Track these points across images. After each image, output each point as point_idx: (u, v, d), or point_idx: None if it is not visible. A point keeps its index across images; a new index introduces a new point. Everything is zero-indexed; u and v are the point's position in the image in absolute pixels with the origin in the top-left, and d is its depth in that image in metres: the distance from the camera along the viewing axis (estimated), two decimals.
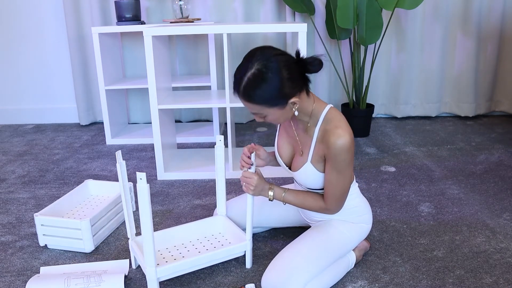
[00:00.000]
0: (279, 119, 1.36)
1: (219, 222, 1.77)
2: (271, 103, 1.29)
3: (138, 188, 1.35)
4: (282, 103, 1.30)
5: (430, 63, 3.45)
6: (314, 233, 1.50)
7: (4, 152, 3.00)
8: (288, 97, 1.29)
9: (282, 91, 1.27)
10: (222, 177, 1.74)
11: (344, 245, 1.51)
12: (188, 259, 1.48)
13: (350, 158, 1.37)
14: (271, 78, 1.24)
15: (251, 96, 1.27)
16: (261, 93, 1.26)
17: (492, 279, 1.51)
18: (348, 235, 1.52)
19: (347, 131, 1.35)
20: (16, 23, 3.49)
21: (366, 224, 1.57)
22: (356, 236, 1.54)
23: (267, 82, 1.24)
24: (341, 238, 1.50)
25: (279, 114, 1.33)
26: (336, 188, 1.42)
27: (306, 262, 1.39)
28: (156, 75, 2.27)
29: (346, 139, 1.34)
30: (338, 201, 1.45)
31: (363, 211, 1.56)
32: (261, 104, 1.29)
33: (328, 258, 1.45)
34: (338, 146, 1.33)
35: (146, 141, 3.13)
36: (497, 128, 3.24)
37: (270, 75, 1.24)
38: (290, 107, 1.33)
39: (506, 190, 2.20)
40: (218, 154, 1.71)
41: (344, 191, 1.43)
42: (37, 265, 1.67)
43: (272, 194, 1.52)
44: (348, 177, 1.41)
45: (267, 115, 1.33)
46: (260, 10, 3.36)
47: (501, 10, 3.32)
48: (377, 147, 2.91)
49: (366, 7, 2.79)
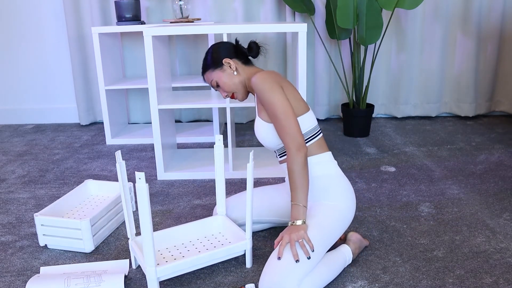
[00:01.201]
0: (227, 82, 1.69)
1: (219, 222, 1.77)
2: (212, 66, 1.70)
3: (137, 188, 1.35)
4: (219, 64, 1.69)
5: (430, 63, 3.45)
6: None
7: (4, 152, 3.00)
8: (221, 58, 1.69)
9: (217, 55, 1.70)
10: (221, 176, 1.74)
11: (329, 234, 1.49)
12: (188, 259, 1.48)
13: (269, 86, 1.55)
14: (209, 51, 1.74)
15: (203, 69, 1.74)
16: (205, 62, 1.73)
17: (492, 279, 1.51)
18: (329, 222, 1.50)
19: (261, 71, 1.62)
20: (16, 23, 3.49)
21: (342, 203, 1.55)
22: (336, 221, 1.52)
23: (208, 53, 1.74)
24: (323, 228, 1.48)
25: (222, 75, 1.69)
26: (277, 119, 1.52)
27: (295, 263, 1.38)
28: (156, 75, 2.27)
29: (259, 74, 1.59)
30: (288, 132, 1.51)
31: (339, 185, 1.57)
32: (207, 69, 1.71)
33: (317, 252, 1.43)
34: (252, 81, 1.59)
35: (146, 141, 3.13)
36: (497, 128, 3.25)
37: (210, 50, 1.74)
38: (227, 68, 1.69)
39: (506, 190, 2.20)
40: (217, 154, 1.71)
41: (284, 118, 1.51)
42: (37, 265, 1.67)
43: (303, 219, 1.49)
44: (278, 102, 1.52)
45: (217, 80, 1.70)
46: (260, 10, 3.36)
47: (501, 10, 3.32)
48: (377, 147, 2.91)
49: (366, 7, 2.79)
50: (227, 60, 1.68)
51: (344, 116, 3.15)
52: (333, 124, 3.47)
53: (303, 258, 1.39)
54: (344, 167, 2.55)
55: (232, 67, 1.68)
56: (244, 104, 2.28)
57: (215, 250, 1.53)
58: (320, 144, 1.62)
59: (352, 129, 3.12)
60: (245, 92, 1.72)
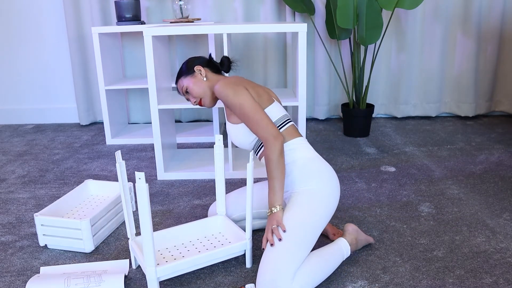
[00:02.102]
0: (195, 88, 1.80)
1: (219, 222, 1.77)
2: (185, 73, 1.83)
3: (137, 188, 1.35)
4: (191, 71, 1.83)
5: (430, 63, 3.45)
6: None
7: (4, 152, 3.00)
8: (193, 66, 1.83)
9: (190, 64, 1.84)
10: (221, 176, 1.74)
11: (312, 219, 1.47)
12: (188, 259, 1.48)
13: (230, 90, 1.63)
14: (185, 62, 1.88)
15: (177, 77, 1.87)
16: (180, 70, 1.86)
17: (492, 279, 1.51)
18: (312, 208, 1.49)
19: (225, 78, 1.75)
20: (16, 23, 3.49)
21: (323, 185, 1.53)
22: (318, 205, 1.50)
23: (183, 64, 1.87)
24: (306, 214, 1.47)
25: (192, 81, 1.81)
26: (245, 117, 1.60)
27: (285, 253, 1.38)
28: (156, 75, 2.27)
29: (220, 81, 1.69)
30: (258, 126, 1.58)
31: (317, 168, 1.57)
32: (180, 76, 1.84)
33: (302, 238, 1.43)
34: (217, 89, 1.67)
35: (146, 141, 3.13)
36: (497, 128, 3.25)
37: (185, 61, 1.88)
38: (198, 74, 1.81)
39: (506, 190, 2.20)
40: (217, 153, 1.71)
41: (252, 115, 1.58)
42: (37, 265, 1.67)
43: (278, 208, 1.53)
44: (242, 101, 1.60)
45: (187, 86, 1.81)
46: (260, 10, 3.36)
47: (501, 10, 3.32)
48: (377, 147, 2.91)
49: (366, 7, 2.79)
50: (198, 67, 1.82)
51: (344, 116, 3.15)
52: (333, 124, 3.47)
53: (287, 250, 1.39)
54: (344, 167, 2.55)
55: (202, 74, 1.81)
56: None
57: (215, 250, 1.53)
58: (291, 131, 1.66)
59: (352, 129, 3.12)
60: (213, 98, 1.83)
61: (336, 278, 1.53)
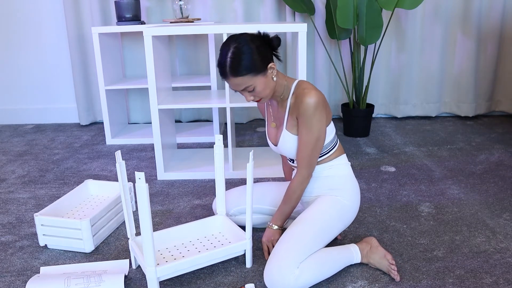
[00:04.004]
0: (265, 89, 1.52)
1: (218, 222, 1.77)
2: (255, 70, 1.47)
3: (137, 188, 1.35)
4: (263, 69, 1.49)
5: (430, 63, 3.45)
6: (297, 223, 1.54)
7: (4, 152, 3.00)
8: (265, 62, 1.50)
9: (259, 56, 1.47)
10: (221, 176, 1.74)
11: (327, 222, 1.54)
12: (188, 259, 1.49)
13: (319, 115, 1.52)
14: (247, 49, 1.46)
15: (238, 70, 1.46)
16: (244, 63, 1.45)
17: (492, 279, 1.51)
18: (330, 212, 1.56)
19: (316, 91, 1.52)
20: (16, 23, 3.49)
21: (346, 200, 1.60)
22: (337, 212, 1.57)
23: (245, 52, 1.46)
24: (323, 215, 1.55)
25: (263, 81, 1.51)
26: (306, 145, 1.54)
27: (296, 242, 1.45)
28: (156, 75, 2.27)
29: (313, 95, 1.50)
30: (308, 161, 1.56)
31: (346, 184, 1.63)
32: (248, 73, 1.46)
33: (317, 235, 1.50)
34: (306, 102, 1.50)
35: (146, 141, 3.13)
36: (497, 128, 3.24)
37: (245, 47, 1.46)
38: (270, 74, 1.52)
39: (506, 190, 2.20)
40: (217, 153, 1.71)
41: (313, 148, 1.55)
42: (37, 265, 1.67)
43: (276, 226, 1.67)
44: (317, 133, 1.53)
45: (254, 85, 1.50)
46: (260, 10, 3.36)
47: (501, 10, 3.32)
48: (377, 147, 2.91)
49: (366, 7, 2.79)
50: (272, 65, 1.53)
51: (344, 116, 3.15)
52: (333, 124, 3.47)
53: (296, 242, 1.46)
54: None
55: (274, 72, 1.55)
56: (244, 104, 2.28)
57: (215, 250, 1.53)
58: (340, 148, 1.69)
59: (352, 129, 3.12)
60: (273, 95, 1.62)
61: (336, 278, 1.53)
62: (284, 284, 1.39)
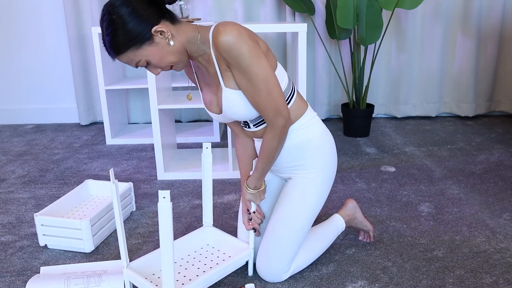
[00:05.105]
0: (162, 58, 1.26)
1: (207, 234, 1.68)
2: (134, 42, 1.21)
3: (159, 208, 1.20)
4: (147, 37, 1.22)
5: (430, 63, 3.45)
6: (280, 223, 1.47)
7: (4, 152, 3.00)
8: (147, 28, 1.21)
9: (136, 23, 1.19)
10: (209, 185, 1.64)
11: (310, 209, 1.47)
12: (202, 277, 1.38)
13: (247, 48, 1.21)
14: (118, 19, 1.19)
15: (115, 48, 1.22)
16: (122, 39, 1.20)
17: (492, 279, 1.51)
18: (310, 200, 1.46)
19: (232, 25, 1.23)
20: (16, 23, 3.49)
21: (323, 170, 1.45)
22: (317, 195, 1.47)
23: (117, 23, 1.19)
24: (304, 206, 1.46)
25: (155, 51, 1.24)
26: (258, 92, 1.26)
27: (286, 244, 1.46)
28: (156, 75, 2.27)
29: (229, 30, 1.21)
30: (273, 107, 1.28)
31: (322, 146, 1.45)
32: (127, 48, 1.22)
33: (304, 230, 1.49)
34: (222, 43, 1.21)
35: (146, 141, 3.13)
36: (497, 128, 3.25)
37: (115, 16, 1.19)
38: (161, 39, 1.24)
39: (506, 190, 2.20)
40: (205, 162, 1.58)
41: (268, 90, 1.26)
42: (37, 265, 1.67)
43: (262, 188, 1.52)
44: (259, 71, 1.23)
45: (146, 59, 1.24)
46: (260, 10, 3.36)
47: (501, 10, 3.32)
48: (377, 147, 2.91)
49: (366, 7, 2.79)
50: (158, 29, 1.22)
51: (344, 116, 3.15)
52: (333, 124, 3.47)
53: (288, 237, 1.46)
54: (344, 167, 2.55)
55: (167, 35, 1.24)
56: None
57: (223, 265, 1.45)
58: (300, 101, 1.43)
59: (352, 129, 3.12)
60: (186, 59, 1.32)
61: (336, 278, 1.53)
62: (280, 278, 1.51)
